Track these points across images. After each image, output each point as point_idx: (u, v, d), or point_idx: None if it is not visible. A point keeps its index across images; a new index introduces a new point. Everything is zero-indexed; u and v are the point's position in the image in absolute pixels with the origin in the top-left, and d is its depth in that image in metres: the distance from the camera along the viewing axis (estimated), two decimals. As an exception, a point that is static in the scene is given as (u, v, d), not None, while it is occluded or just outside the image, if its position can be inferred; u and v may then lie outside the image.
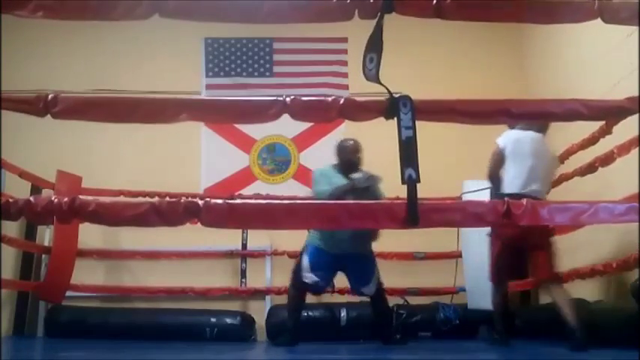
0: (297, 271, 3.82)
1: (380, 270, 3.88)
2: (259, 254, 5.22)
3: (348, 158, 3.87)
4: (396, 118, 2.08)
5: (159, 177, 5.24)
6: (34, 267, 4.99)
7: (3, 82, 3.96)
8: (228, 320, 4.62)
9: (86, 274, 4.99)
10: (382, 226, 2.22)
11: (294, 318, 3.83)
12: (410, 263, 5.15)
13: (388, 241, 4.83)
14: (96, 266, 5.18)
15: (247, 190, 5.40)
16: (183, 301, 4.98)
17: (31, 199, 2.09)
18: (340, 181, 3.74)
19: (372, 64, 2.17)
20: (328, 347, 3.90)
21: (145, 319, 4.65)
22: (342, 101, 2.14)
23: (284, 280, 4.77)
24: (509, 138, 3.58)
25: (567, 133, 3.85)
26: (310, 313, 4.44)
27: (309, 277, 3.73)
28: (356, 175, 3.76)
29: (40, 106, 2.07)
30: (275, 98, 2.18)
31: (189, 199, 2.08)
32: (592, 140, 3.56)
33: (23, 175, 4.58)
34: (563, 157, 4.07)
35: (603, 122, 3.28)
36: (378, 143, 3.83)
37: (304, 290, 3.83)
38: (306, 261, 3.77)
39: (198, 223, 2.07)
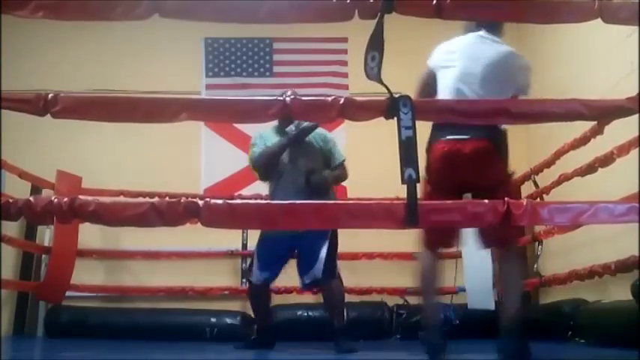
0: (248, 270, 3.57)
1: (380, 270, 3.85)
2: (259, 254, 5.22)
3: None
4: (396, 118, 2.08)
5: (159, 177, 5.25)
6: (34, 267, 5.00)
7: (3, 82, 3.96)
8: (228, 320, 4.62)
9: (86, 274, 5.00)
10: (382, 226, 2.21)
11: (259, 321, 3.70)
12: (410, 263, 5.13)
13: (388, 241, 4.86)
14: (96, 266, 5.19)
15: (247, 190, 5.40)
16: (183, 301, 4.99)
17: (31, 199, 2.08)
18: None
19: (373, 62, 2.16)
20: (328, 347, 3.90)
21: (145, 319, 4.66)
22: (342, 101, 2.14)
23: (284, 280, 4.76)
24: (440, 51, 2.82)
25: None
26: (310, 313, 4.44)
27: (256, 275, 3.44)
28: (288, 128, 3.46)
29: (39, 105, 2.07)
30: (275, 98, 2.18)
31: (189, 199, 2.08)
32: (584, 140, 3.56)
33: (23, 175, 4.59)
34: (555, 158, 4.07)
35: (595, 122, 3.28)
36: (377, 143, 3.84)
37: (258, 292, 3.57)
38: (255, 257, 3.49)
39: (198, 223, 2.07)
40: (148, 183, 5.00)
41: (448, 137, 2.54)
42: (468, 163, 2.48)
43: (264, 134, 3.64)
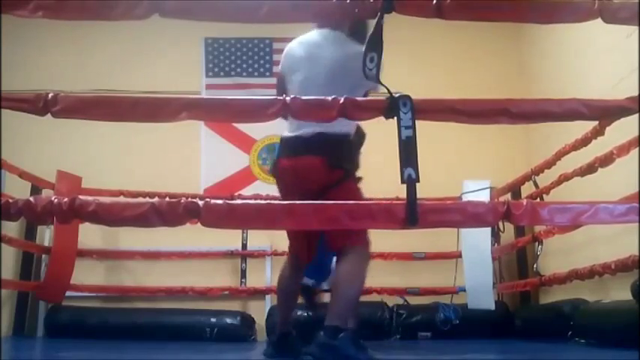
0: None
1: (380, 270, 3.84)
2: (259, 254, 5.23)
3: None
4: (395, 118, 2.08)
5: (159, 177, 5.25)
6: (34, 267, 5.00)
7: (3, 82, 3.96)
8: (228, 320, 4.62)
9: (86, 274, 5.00)
10: (382, 226, 2.21)
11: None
12: (409, 263, 5.16)
13: (388, 241, 4.86)
14: (96, 266, 5.19)
15: (247, 190, 5.40)
16: (183, 301, 4.99)
17: (31, 199, 2.08)
18: None
19: (372, 63, 2.16)
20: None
21: (145, 319, 4.66)
22: (342, 100, 2.14)
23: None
24: (287, 54, 2.77)
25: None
26: (310, 313, 4.43)
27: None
28: None
29: (39, 105, 2.07)
30: (275, 97, 2.17)
31: (189, 199, 2.08)
32: (585, 141, 3.56)
33: (23, 175, 4.59)
34: (556, 158, 4.06)
35: (596, 123, 3.27)
36: (377, 143, 3.82)
37: None
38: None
39: (198, 223, 2.07)
40: (148, 183, 5.00)
41: (286, 156, 2.68)
42: (297, 175, 2.59)
43: None
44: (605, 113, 2.44)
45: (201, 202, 2.04)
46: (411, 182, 2.03)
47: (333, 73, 2.58)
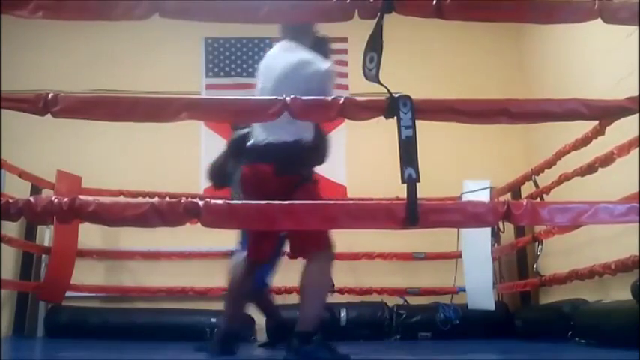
0: None
1: (380, 270, 3.84)
2: (259, 254, 5.22)
3: None
4: (395, 118, 2.08)
5: (159, 177, 5.25)
6: (34, 267, 5.00)
7: (3, 82, 3.96)
8: (228, 320, 4.62)
9: (86, 274, 5.00)
10: (382, 227, 2.21)
11: None
12: (410, 263, 5.16)
13: (388, 241, 4.87)
14: (96, 266, 5.19)
15: (247, 190, 5.40)
16: (183, 301, 4.99)
17: (31, 199, 2.08)
18: None
19: (372, 63, 2.16)
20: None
21: (145, 319, 4.66)
22: (342, 100, 2.14)
23: (283, 280, 4.76)
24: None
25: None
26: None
27: None
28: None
29: (40, 105, 2.07)
30: (275, 97, 2.18)
31: (189, 199, 2.08)
32: (585, 141, 3.56)
33: (23, 175, 4.59)
34: (556, 158, 4.06)
35: (597, 123, 3.27)
36: (377, 143, 3.84)
37: None
38: None
39: (198, 223, 2.07)
40: (148, 183, 5.01)
41: (246, 163, 2.74)
42: (253, 181, 2.65)
43: None
44: (605, 113, 2.45)
45: (201, 202, 2.04)
46: (411, 182, 2.03)
47: (278, 82, 2.60)
